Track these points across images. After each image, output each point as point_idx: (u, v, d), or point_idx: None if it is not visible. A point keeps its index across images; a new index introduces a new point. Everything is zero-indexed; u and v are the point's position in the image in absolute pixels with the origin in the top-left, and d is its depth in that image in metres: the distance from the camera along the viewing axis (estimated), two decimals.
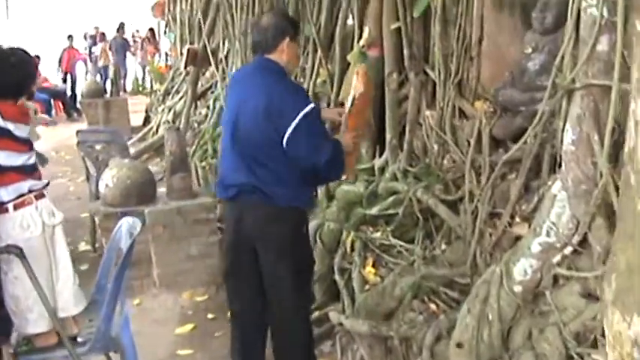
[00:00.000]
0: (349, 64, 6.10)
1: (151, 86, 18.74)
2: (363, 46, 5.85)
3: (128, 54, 21.25)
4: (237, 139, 3.86)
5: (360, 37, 6.13)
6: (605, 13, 3.44)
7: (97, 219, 6.14)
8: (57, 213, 3.86)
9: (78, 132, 8.44)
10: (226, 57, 9.72)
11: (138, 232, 3.97)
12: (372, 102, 4.95)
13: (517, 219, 4.32)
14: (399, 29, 5.89)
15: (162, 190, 6.52)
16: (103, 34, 21.49)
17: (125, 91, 19.70)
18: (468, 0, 5.43)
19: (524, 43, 4.91)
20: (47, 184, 3.91)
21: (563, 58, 3.76)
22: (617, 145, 3.47)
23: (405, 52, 5.83)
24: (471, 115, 5.38)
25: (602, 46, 3.48)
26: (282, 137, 3.67)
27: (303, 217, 4.12)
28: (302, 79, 7.52)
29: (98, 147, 7.83)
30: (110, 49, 20.30)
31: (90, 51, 21.47)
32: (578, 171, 3.60)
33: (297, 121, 3.64)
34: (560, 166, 3.79)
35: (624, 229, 2.69)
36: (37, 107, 4.49)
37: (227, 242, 4.26)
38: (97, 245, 7.11)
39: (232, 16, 8.19)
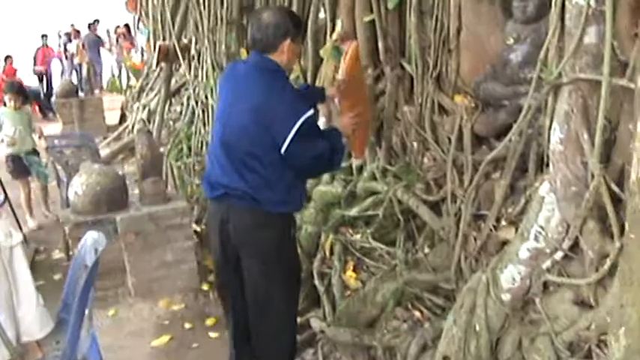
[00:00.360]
0: (322, 59, 5.85)
1: (128, 83, 18.56)
2: (336, 40, 5.69)
3: (105, 50, 20.93)
4: (227, 141, 3.74)
5: (333, 30, 5.93)
6: (593, 3, 3.21)
7: (66, 228, 5.87)
8: (14, 233, 3.60)
9: (46, 137, 8.27)
10: (198, 54, 9.51)
11: (103, 248, 3.75)
12: (363, 79, 4.90)
13: (503, 222, 4.11)
14: (373, 22, 5.64)
15: (136, 192, 6.33)
16: (78, 31, 21.17)
17: (101, 88, 19.43)
18: None
19: (505, 34, 4.70)
20: (3, 202, 3.65)
21: (547, 50, 3.53)
22: (609, 144, 3.30)
23: (380, 45, 5.58)
24: (452, 111, 5.16)
25: (590, 37, 3.26)
26: (281, 144, 3.55)
27: (291, 221, 4.00)
28: None
29: (67, 152, 7.66)
30: (84, 46, 19.97)
31: (65, 48, 21.10)
32: (568, 171, 3.40)
33: (296, 128, 3.52)
34: (547, 165, 3.58)
35: (635, 276, 2.46)
36: None
37: (212, 242, 4.14)
38: (70, 254, 6.86)
39: (200, 13, 7.94)
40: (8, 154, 8.13)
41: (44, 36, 18.79)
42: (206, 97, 8.64)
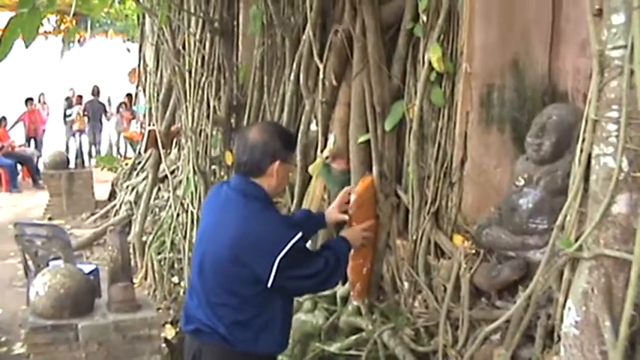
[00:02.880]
0: (311, 176, 5.37)
1: (125, 154, 18.52)
2: (326, 158, 5.31)
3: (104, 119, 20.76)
4: (203, 273, 3.37)
5: (325, 146, 5.47)
6: (625, 166, 2.76)
7: (22, 331, 5.44)
8: None
9: (16, 224, 7.79)
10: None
11: None
12: (373, 200, 4.79)
13: None
14: (368, 142, 5.17)
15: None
16: (80, 96, 20.96)
17: (98, 154, 19.07)
18: (450, 114, 4.77)
19: (515, 172, 4.28)
20: None
21: (566, 215, 2.99)
22: (635, 336, 2.83)
23: (375, 169, 5.06)
24: (449, 253, 4.68)
25: (620, 207, 2.80)
26: (266, 278, 3.16)
27: None
28: None
29: (38, 242, 7.22)
30: (85, 112, 19.75)
31: (65, 114, 20.88)
32: None
33: (280, 258, 3.13)
34: (558, 341, 3.15)
35: None
36: None
37: None
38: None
39: (186, 108, 7.58)
40: None
41: (29, 100, 18.45)
42: (185, 199, 8.21)
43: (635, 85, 2.65)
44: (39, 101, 19.93)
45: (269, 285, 3.15)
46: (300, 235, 3.23)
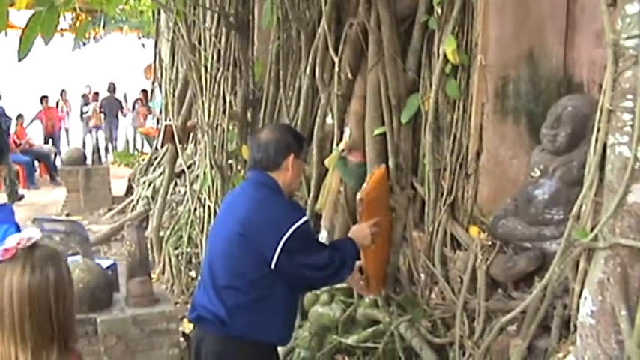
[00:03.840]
0: (327, 169, 5.36)
1: (142, 149, 18.42)
2: (342, 151, 5.28)
3: (120, 115, 20.80)
4: (212, 255, 3.47)
5: (341, 139, 5.45)
6: None
7: None
8: None
9: (34, 220, 7.82)
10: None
11: None
12: (384, 196, 4.63)
13: None
14: (384, 135, 5.16)
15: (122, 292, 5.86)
16: (97, 93, 21.01)
17: (115, 151, 19.28)
18: (465, 106, 4.76)
19: (531, 164, 4.27)
20: None
21: (582, 205, 2.98)
22: None
23: (391, 162, 5.06)
24: (465, 244, 4.67)
25: (635, 196, 2.80)
26: (270, 258, 3.22)
27: (270, 355, 3.54)
28: None
29: (56, 237, 7.21)
30: (102, 109, 19.81)
31: (81, 111, 20.94)
32: (599, 350, 2.91)
33: (286, 237, 3.20)
34: (574, 331, 3.14)
35: None
36: None
37: None
38: None
39: (202, 102, 7.58)
40: None
41: (44, 97, 18.52)
42: (201, 194, 8.22)
43: None
44: (61, 96, 19.99)
45: (273, 265, 3.20)
46: (305, 219, 3.30)
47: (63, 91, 20.25)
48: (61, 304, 2.07)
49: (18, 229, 3.76)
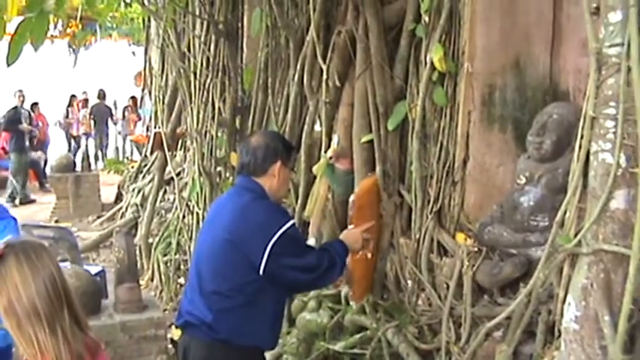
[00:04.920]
0: (315, 176, 5.38)
1: (131, 157, 18.46)
2: (330, 158, 5.28)
3: (110, 123, 20.73)
4: (199, 261, 3.49)
5: (328, 146, 5.46)
6: (623, 162, 2.77)
7: None
8: None
9: (23, 226, 7.76)
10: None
11: None
12: (375, 203, 4.79)
13: None
14: (371, 142, 5.18)
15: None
16: (86, 100, 20.96)
17: (105, 158, 19.22)
18: (452, 114, 4.77)
19: (517, 172, 4.30)
20: None
21: (565, 211, 3.00)
22: (635, 330, 2.83)
23: (378, 169, 5.07)
24: (452, 251, 4.68)
25: (618, 202, 2.82)
26: (258, 264, 3.23)
27: None
28: None
29: (45, 243, 7.15)
30: (91, 116, 19.74)
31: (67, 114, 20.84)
32: (583, 355, 2.92)
33: (273, 242, 3.22)
34: (558, 336, 3.15)
35: None
36: None
37: None
38: None
39: (191, 109, 7.60)
40: None
41: (34, 104, 18.43)
42: (190, 201, 8.22)
43: (632, 82, 2.67)
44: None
45: (261, 271, 3.21)
46: (291, 222, 3.33)
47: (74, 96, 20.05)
48: (59, 277, 2.21)
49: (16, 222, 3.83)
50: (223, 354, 3.36)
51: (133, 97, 19.96)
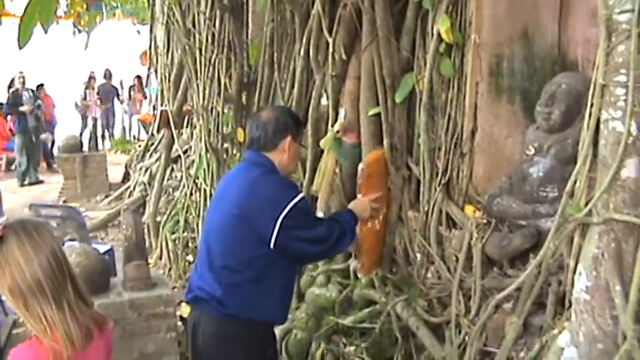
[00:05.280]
0: (323, 150, 5.35)
1: (138, 136, 18.51)
2: (337, 132, 5.25)
3: (116, 102, 20.71)
4: (209, 236, 3.51)
5: (335, 120, 5.43)
6: (634, 130, 2.75)
7: None
8: None
9: (31, 206, 7.80)
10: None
11: None
12: (383, 173, 4.85)
13: None
14: (378, 115, 5.13)
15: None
16: (94, 79, 20.92)
17: (112, 137, 19.35)
18: (460, 85, 4.72)
19: (526, 142, 4.23)
20: None
21: (575, 180, 2.97)
22: None
23: (385, 142, 5.03)
24: (461, 223, 4.64)
25: (629, 171, 2.81)
26: (268, 238, 3.25)
27: (267, 337, 3.59)
28: None
29: (53, 223, 7.20)
30: (98, 96, 19.72)
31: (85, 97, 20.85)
32: (594, 325, 2.91)
33: (282, 217, 3.23)
34: (569, 307, 3.14)
35: None
36: None
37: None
38: None
39: (197, 85, 7.56)
40: None
41: (40, 86, 18.43)
42: (197, 178, 8.21)
43: None
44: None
45: (272, 245, 3.23)
46: (301, 195, 3.33)
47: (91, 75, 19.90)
48: (61, 253, 2.25)
49: None
50: (233, 329, 3.37)
51: (139, 77, 19.92)
